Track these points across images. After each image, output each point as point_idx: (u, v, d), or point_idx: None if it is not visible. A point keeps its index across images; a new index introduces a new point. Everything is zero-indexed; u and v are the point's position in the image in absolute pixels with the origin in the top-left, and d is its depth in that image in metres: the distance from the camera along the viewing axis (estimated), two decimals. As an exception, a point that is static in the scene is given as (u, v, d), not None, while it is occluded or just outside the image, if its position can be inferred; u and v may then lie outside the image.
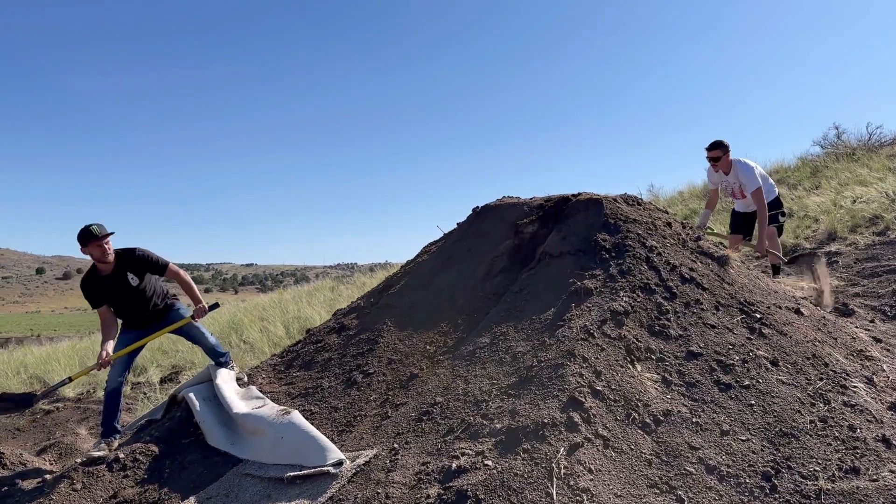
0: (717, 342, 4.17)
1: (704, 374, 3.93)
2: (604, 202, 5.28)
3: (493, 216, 5.97)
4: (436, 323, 5.08)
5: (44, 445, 6.02)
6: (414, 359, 4.76)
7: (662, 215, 5.47)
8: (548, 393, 3.67)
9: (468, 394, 3.98)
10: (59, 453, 5.66)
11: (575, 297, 4.48)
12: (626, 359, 3.96)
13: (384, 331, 5.19)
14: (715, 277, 4.80)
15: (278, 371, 5.36)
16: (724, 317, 4.41)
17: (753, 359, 4.05)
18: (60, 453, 5.65)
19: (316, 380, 4.94)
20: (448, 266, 5.74)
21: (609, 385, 3.74)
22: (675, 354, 4.06)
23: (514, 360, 4.12)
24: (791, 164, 14.98)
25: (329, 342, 5.43)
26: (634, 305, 4.36)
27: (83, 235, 4.88)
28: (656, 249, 4.85)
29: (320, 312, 10.23)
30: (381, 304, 5.65)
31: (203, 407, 4.71)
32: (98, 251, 4.94)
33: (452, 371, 4.32)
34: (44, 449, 5.84)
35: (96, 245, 4.91)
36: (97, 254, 4.95)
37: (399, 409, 4.17)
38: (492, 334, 4.49)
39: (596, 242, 4.92)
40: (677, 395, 3.79)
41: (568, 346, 3.98)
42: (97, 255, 4.96)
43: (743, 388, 3.83)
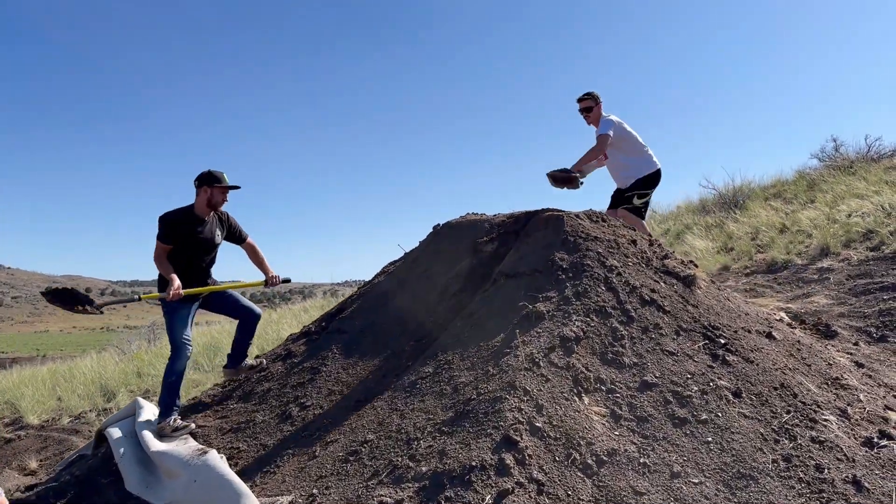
0: (674, 371, 3.81)
1: (658, 408, 3.57)
2: (565, 219, 4.95)
3: (453, 234, 5.66)
4: (384, 350, 4.76)
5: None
6: (355, 389, 4.43)
7: (627, 232, 5.13)
8: (481, 431, 3.33)
9: (401, 430, 3.65)
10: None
11: (526, 322, 4.14)
12: (572, 391, 3.61)
13: (329, 359, 4.86)
14: (678, 299, 4.45)
15: (216, 402, 5.03)
16: (685, 342, 4.06)
17: (714, 389, 3.69)
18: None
19: (251, 413, 4.61)
20: (403, 288, 5.42)
21: (550, 421, 3.39)
22: (627, 385, 3.71)
23: (454, 393, 3.79)
24: (789, 178, 14.61)
25: (273, 370, 5.11)
26: (587, 331, 4.01)
27: (213, 177, 4.88)
28: (616, 269, 4.51)
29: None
30: (332, 329, 5.32)
31: (124, 445, 4.38)
32: (220, 198, 4.95)
33: (390, 404, 3.98)
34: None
35: (221, 191, 4.93)
36: (219, 199, 4.95)
37: (328, 448, 3.83)
38: (436, 363, 4.16)
39: (553, 262, 4.59)
40: (626, 431, 3.43)
41: (510, 377, 3.64)
42: (218, 200, 4.95)
43: (700, 424, 3.47)
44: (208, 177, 4.89)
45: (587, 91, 6.44)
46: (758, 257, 9.08)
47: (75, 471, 4.53)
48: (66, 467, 4.89)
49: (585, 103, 6.43)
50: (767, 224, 10.45)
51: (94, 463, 4.53)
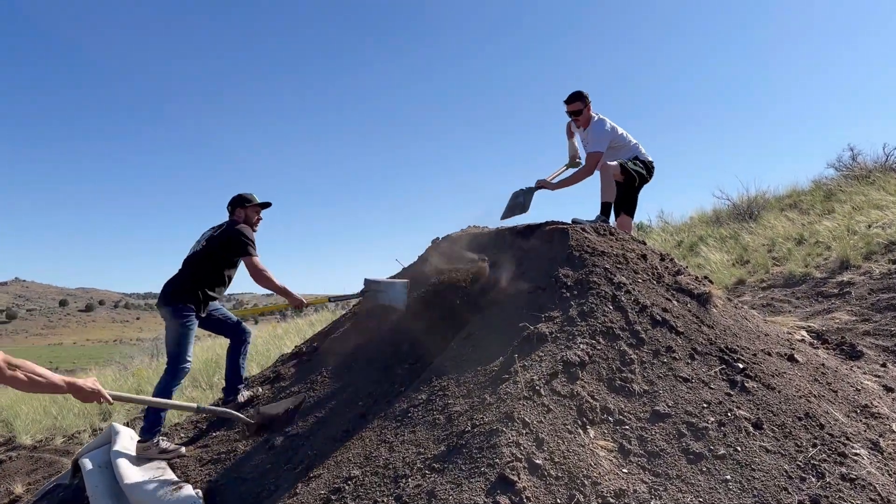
0: (689, 399, 3.48)
1: (671, 441, 3.24)
2: (570, 232, 4.64)
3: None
4: (376, 373, 4.45)
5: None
6: (343, 417, 4.11)
7: (637, 246, 4.81)
8: (475, 469, 3.01)
9: (389, 466, 3.33)
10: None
11: (527, 345, 3.82)
12: (576, 422, 3.29)
13: (318, 382, 4.56)
14: (692, 319, 4.12)
15: (199, 430, 4.74)
16: (701, 367, 3.73)
17: (732, 420, 3.36)
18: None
19: (233, 442, 4.31)
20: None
21: (552, 457, 3.06)
22: (637, 416, 3.38)
23: (448, 423, 3.46)
24: (805, 188, 14.23)
25: (260, 395, 4.81)
26: (593, 354, 3.69)
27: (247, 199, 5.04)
28: (625, 286, 4.19)
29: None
30: (323, 350, 5.03)
31: (97, 476, 4.09)
32: (255, 216, 5.07)
33: (379, 435, 3.67)
34: None
35: (256, 210, 5.06)
36: (255, 218, 5.07)
37: (310, 484, 3.51)
38: (430, 389, 3.84)
39: (557, 279, 4.28)
40: (636, 468, 3.10)
41: (507, 406, 3.32)
42: (254, 219, 5.07)
43: (717, 459, 3.14)
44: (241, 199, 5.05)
45: (575, 91, 5.96)
46: (774, 270, 8.72)
47: (46, 503, 4.24)
48: (43, 496, 4.61)
49: (574, 106, 5.97)
50: (784, 235, 10.10)
51: (66, 495, 4.26)
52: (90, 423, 9.14)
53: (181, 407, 4.25)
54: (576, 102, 5.96)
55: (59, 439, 8.76)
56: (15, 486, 6.51)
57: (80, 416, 9.55)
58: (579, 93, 5.96)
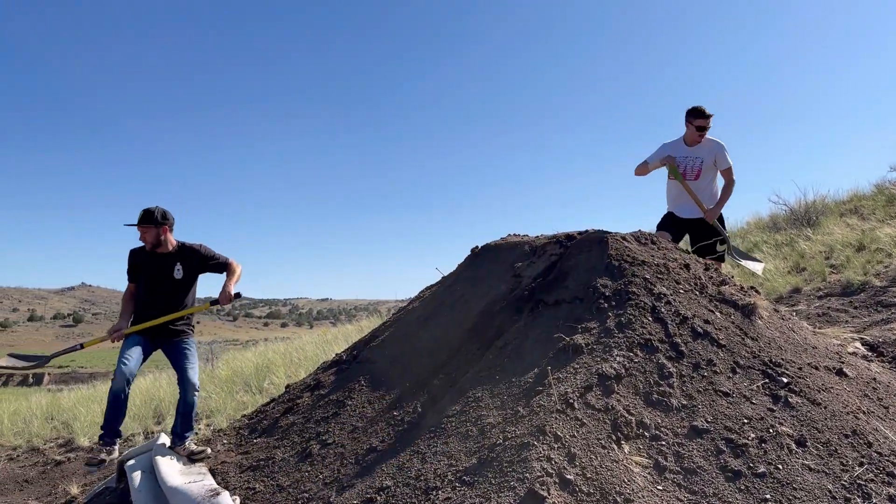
0: (729, 415, 3.38)
1: (709, 458, 3.15)
2: (609, 241, 4.56)
3: (492, 258, 5.32)
4: (412, 382, 4.44)
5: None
6: (379, 426, 4.12)
7: (680, 256, 4.70)
8: (504, 483, 2.98)
9: (421, 477, 3.32)
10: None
11: (562, 356, 3.77)
12: (610, 437, 3.22)
13: (356, 391, 4.58)
14: (736, 331, 4.00)
15: (241, 436, 4.82)
16: (743, 381, 3.62)
17: (774, 437, 3.25)
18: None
19: (272, 449, 4.36)
20: (437, 314, 5.10)
21: (584, 472, 3.01)
22: (674, 431, 3.29)
23: (480, 435, 3.44)
24: (867, 193, 13.72)
25: (300, 402, 4.86)
26: (630, 367, 3.61)
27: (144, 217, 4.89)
28: (665, 297, 4.09)
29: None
30: (361, 359, 5.05)
31: (140, 481, 4.20)
32: (142, 234, 4.92)
33: (413, 445, 3.66)
34: None
35: (139, 228, 4.91)
36: (141, 237, 4.94)
37: (344, 494, 3.53)
38: (464, 400, 3.82)
39: (594, 289, 4.21)
40: (671, 485, 3.03)
41: (540, 419, 3.27)
42: (140, 238, 4.94)
43: (756, 477, 3.04)
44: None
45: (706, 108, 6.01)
46: (832, 278, 8.42)
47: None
48: (92, 499, 4.74)
49: (710, 121, 6.02)
50: (842, 242, 9.74)
51: (112, 498, 4.38)
52: (144, 426, 9.36)
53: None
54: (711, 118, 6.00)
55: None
56: (71, 486, 6.71)
57: (134, 419, 9.79)
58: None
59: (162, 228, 4.88)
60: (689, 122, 6.06)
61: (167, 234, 4.94)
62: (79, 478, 7.38)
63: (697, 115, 5.97)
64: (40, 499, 6.84)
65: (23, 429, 10.67)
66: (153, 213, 4.84)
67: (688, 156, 6.09)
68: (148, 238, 4.88)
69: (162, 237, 4.90)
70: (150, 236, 4.87)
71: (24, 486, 7.75)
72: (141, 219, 4.84)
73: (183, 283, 4.98)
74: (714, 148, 6.01)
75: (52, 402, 13.50)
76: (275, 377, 9.99)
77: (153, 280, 4.92)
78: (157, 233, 4.87)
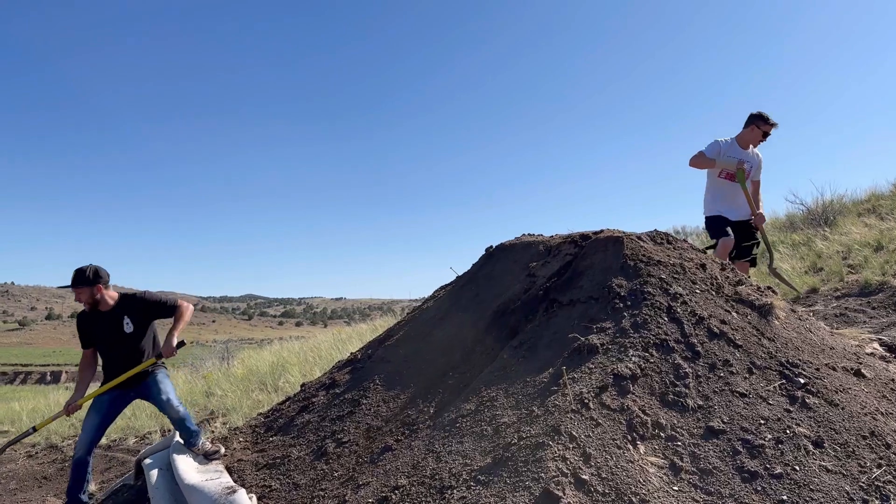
0: (745, 415, 3.36)
1: (725, 459, 3.14)
2: (625, 241, 4.55)
3: (506, 257, 5.32)
4: (427, 381, 4.46)
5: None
6: (393, 425, 4.13)
7: (696, 256, 4.68)
8: (519, 482, 2.98)
9: (436, 476, 3.32)
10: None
11: (577, 356, 3.77)
12: (626, 437, 3.21)
13: (371, 390, 4.60)
14: (752, 332, 3.98)
15: (257, 434, 4.85)
16: (759, 382, 3.60)
17: (791, 438, 3.23)
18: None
19: (287, 447, 4.39)
20: (452, 314, 5.11)
21: (599, 472, 3.00)
22: (690, 431, 3.28)
23: (495, 435, 3.44)
24: (885, 192, 13.59)
25: (315, 401, 4.89)
26: (646, 368, 3.60)
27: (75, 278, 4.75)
28: (681, 297, 4.08)
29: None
30: (376, 358, 5.07)
31: (158, 478, 4.24)
32: (77, 296, 4.78)
33: (428, 444, 3.67)
34: None
35: (73, 290, 4.77)
36: (76, 299, 4.81)
37: (359, 492, 3.54)
38: (479, 399, 3.82)
39: (610, 289, 4.20)
40: (687, 486, 3.02)
41: (555, 419, 3.27)
42: (76, 300, 4.81)
43: (773, 478, 3.02)
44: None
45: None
46: (849, 278, 8.36)
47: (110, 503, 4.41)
48: (109, 496, 4.79)
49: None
50: (860, 242, 9.66)
51: (130, 495, 4.42)
52: (161, 423, 9.44)
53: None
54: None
55: (132, 439, 9.09)
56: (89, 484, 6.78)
57: (151, 417, 9.88)
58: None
59: (96, 287, 4.76)
60: (755, 125, 6.18)
61: (102, 291, 4.81)
62: (96, 475, 7.45)
63: (766, 122, 6.11)
64: (58, 495, 6.91)
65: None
66: (85, 272, 4.73)
67: (743, 158, 6.19)
68: (83, 298, 4.77)
69: (98, 296, 4.79)
70: (85, 297, 4.76)
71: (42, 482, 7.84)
72: (73, 280, 4.73)
73: (136, 335, 4.89)
74: (760, 158, 6.24)
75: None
76: (290, 376, 10.05)
77: (106, 339, 4.88)
78: (92, 292, 4.76)
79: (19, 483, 7.65)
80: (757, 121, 6.15)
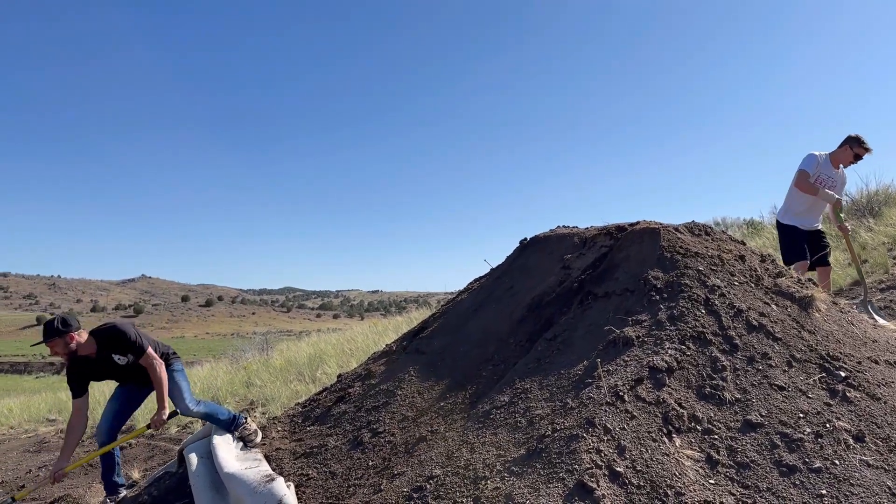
0: (784, 409, 3.32)
1: (763, 452, 3.10)
2: (661, 232, 4.50)
3: (541, 249, 5.31)
4: (461, 373, 4.47)
5: (54, 498, 5.82)
6: (428, 416, 4.16)
7: (735, 247, 4.61)
8: (553, 474, 2.98)
9: (469, 467, 3.34)
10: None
11: (612, 349, 3.75)
12: (661, 430, 3.19)
13: (405, 381, 4.63)
14: (792, 324, 3.92)
15: (295, 423, 4.91)
16: (799, 375, 3.54)
17: (831, 432, 3.18)
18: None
19: (324, 437, 4.44)
20: (486, 306, 5.12)
21: (634, 465, 2.99)
22: (727, 425, 3.25)
23: (529, 426, 3.44)
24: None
25: (352, 391, 4.94)
26: (682, 360, 3.57)
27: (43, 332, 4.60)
28: (719, 290, 4.03)
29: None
30: (411, 349, 5.10)
31: (198, 467, 4.33)
32: (52, 350, 4.63)
33: (462, 435, 3.69)
34: (53, 502, 5.65)
35: (48, 344, 4.59)
36: (52, 353, 4.67)
37: (394, 481, 3.58)
38: (513, 391, 3.83)
39: (646, 281, 4.16)
40: (724, 479, 2.99)
41: (589, 411, 3.26)
42: (52, 353, 4.68)
43: (812, 473, 2.98)
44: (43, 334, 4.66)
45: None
46: (895, 270, 8.17)
47: (153, 490, 4.52)
48: (152, 483, 4.91)
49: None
50: (906, 233, 9.44)
51: (170, 483, 4.52)
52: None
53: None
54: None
55: (174, 428, 9.26)
56: (133, 471, 6.93)
57: (194, 406, 10.05)
58: None
59: (68, 336, 4.60)
60: (849, 147, 6.33)
61: (75, 338, 4.65)
62: (140, 463, 7.62)
63: (861, 144, 6.27)
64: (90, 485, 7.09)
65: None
66: (53, 323, 4.60)
67: (831, 178, 6.41)
68: (59, 351, 4.60)
69: (72, 344, 4.63)
70: (60, 348, 4.60)
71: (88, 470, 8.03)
72: (44, 335, 4.57)
73: (131, 363, 4.83)
74: (845, 181, 6.47)
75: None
76: (327, 367, 10.14)
77: (104, 376, 4.90)
78: (65, 342, 4.60)
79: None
80: (853, 143, 6.30)
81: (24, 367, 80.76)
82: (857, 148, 6.23)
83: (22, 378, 68.46)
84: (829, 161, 6.38)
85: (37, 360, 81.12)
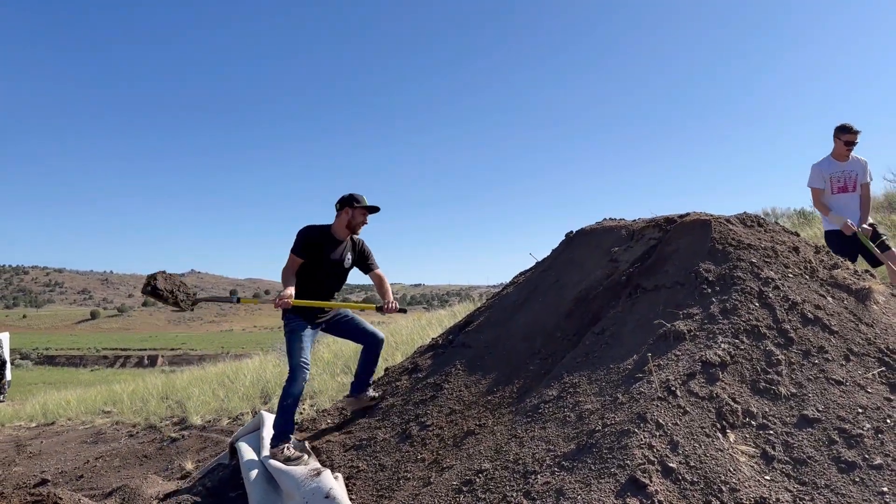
0: (842, 404, 3.24)
1: (820, 448, 3.03)
2: (712, 224, 4.42)
3: (587, 242, 5.26)
4: (508, 367, 4.46)
5: (112, 488, 5.97)
6: (476, 410, 4.17)
7: (789, 238, 4.51)
8: (604, 469, 2.96)
9: (519, 461, 3.34)
10: (122, 498, 5.56)
11: (663, 343, 3.70)
12: (714, 425, 3.14)
13: (452, 375, 4.64)
14: (849, 317, 3.82)
15: (343, 416, 4.97)
16: (857, 369, 3.46)
17: (891, 427, 3.09)
18: (123, 498, 5.55)
19: (373, 429, 4.48)
20: (532, 300, 5.10)
21: (687, 461, 2.95)
22: (782, 420, 3.19)
23: (578, 421, 3.42)
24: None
25: (399, 385, 4.97)
26: (736, 354, 3.51)
27: (354, 198, 4.86)
28: (773, 282, 3.94)
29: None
30: (457, 343, 5.10)
31: (250, 459, 4.40)
32: (361, 219, 4.89)
33: (510, 429, 3.69)
34: (110, 493, 5.79)
35: (362, 212, 4.87)
36: (359, 220, 4.90)
37: (444, 474, 3.59)
38: (561, 385, 3.81)
39: (697, 274, 4.10)
40: (780, 475, 2.93)
41: (640, 406, 3.23)
42: (359, 221, 4.90)
43: (872, 469, 2.91)
44: (349, 199, 4.83)
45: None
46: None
47: (207, 482, 4.62)
48: (206, 475, 5.01)
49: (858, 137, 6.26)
50: (967, 222, 9.11)
51: (224, 475, 4.60)
52: (252, 405, 9.77)
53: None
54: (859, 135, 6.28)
55: (225, 420, 9.45)
56: (186, 462, 7.09)
57: (244, 398, 10.23)
58: None
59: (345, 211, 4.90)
60: (837, 138, 6.30)
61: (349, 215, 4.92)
62: (192, 454, 7.79)
63: (846, 131, 6.22)
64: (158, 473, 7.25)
65: (140, 407, 11.37)
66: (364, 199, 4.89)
67: (843, 171, 6.33)
68: (360, 220, 4.89)
69: (349, 216, 4.90)
70: (362, 221, 4.91)
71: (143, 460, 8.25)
72: (363, 205, 4.83)
73: (347, 272, 5.05)
74: (864, 164, 6.32)
75: (166, 382, 14.30)
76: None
77: (328, 264, 4.90)
78: (366, 221, 4.94)
79: (122, 461, 8.06)
80: (838, 133, 6.28)
81: (79, 360, 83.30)
82: (845, 136, 6.21)
83: (78, 371, 70.66)
84: (833, 160, 6.35)
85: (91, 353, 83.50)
